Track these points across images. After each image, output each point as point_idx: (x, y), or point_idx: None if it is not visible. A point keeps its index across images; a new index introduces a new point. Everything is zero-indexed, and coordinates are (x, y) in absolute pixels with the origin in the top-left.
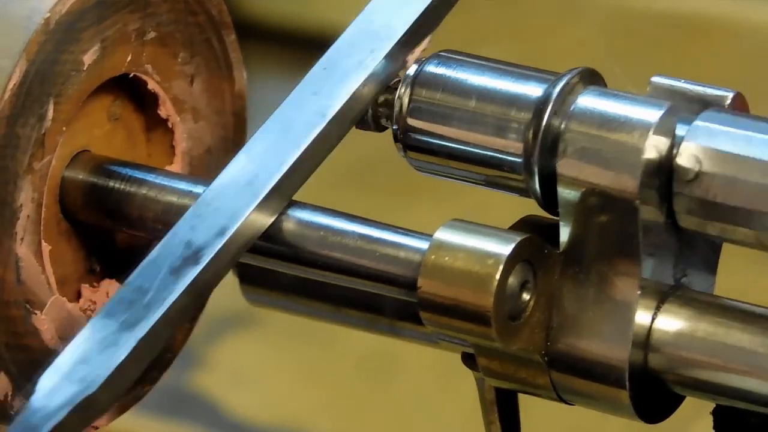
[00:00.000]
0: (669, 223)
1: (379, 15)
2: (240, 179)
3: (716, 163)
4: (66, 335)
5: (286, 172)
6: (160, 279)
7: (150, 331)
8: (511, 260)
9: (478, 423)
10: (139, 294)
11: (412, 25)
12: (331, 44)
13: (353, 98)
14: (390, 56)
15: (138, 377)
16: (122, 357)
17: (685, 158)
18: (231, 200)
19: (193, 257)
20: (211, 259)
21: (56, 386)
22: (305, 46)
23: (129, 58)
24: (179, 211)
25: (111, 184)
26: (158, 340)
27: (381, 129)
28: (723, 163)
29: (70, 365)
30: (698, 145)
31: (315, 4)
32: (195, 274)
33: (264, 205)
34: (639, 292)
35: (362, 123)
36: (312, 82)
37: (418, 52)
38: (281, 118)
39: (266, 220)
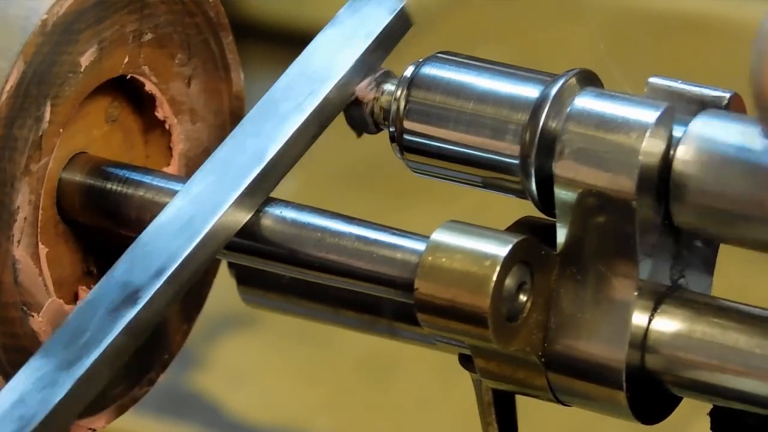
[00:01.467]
0: (666, 224)
1: (318, 57)
2: (177, 220)
3: (713, 163)
4: None
5: (224, 213)
6: (98, 319)
7: (88, 370)
8: (508, 261)
9: (477, 423)
10: (77, 334)
11: (351, 66)
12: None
13: (292, 139)
14: (328, 98)
15: (134, 380)
16: (60, 396)
17: (682, 159)
18: (168, 241)
19: (131, 298)
20: (149, 299)
21: None
22: (303, 46)
23: (126, 60)
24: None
25: (108, 185)
26: (96, 379)
27: (378, 130)
28: (720, 164)
29: (8, 405)
30: (695, 146)
31: (312, 5)
32: (133, 314)
33: (201, 245)
34: (636, 293)
35: (359, 124)
36: (252, 124)
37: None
38: (221, 160)
39: (206, 258)
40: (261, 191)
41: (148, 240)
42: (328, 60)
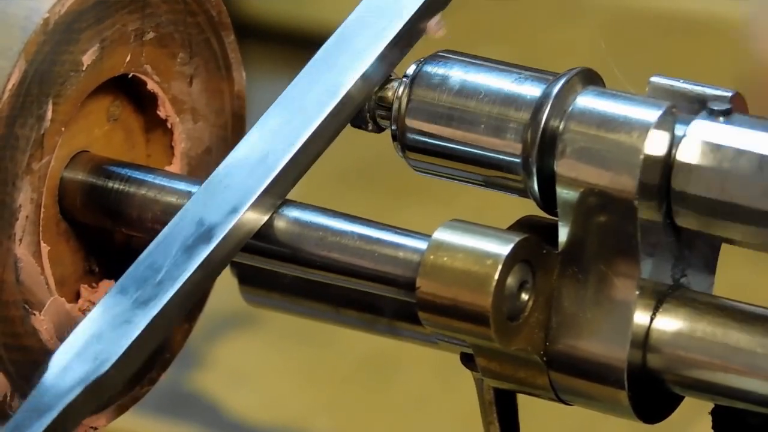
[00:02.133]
0: (668, 223)
1: None
2: (251, 157)
3: (715, 163)
4: (65, 336)
5: (297, 152)
6: (173, 257)
7: (163, 308)
8: (510, 260)
9: (478, 423)
10: (152, 271)
11: (422, 4)
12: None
13: (364, 77)
14: (400, 35)
15: (134, 380)
16: (136, 335)
17: (684, 158)
18: (242, 179)
19: (206, 235)
20: (224, 237)
21: (69, 364)
22: (304, 46)
23: (128, 59)
24: (178, 211)
25: (110, 184)
26: (171, 317)
27: (380, 130)
28: (721, 164)
29: (83, 343)
30: (697, 145)
31: (314, 5)
32: (207, 253)
33: (275, 183)
34: (638, 292)
35: (361, 123)
36: (323, 61)
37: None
38: (292, 96)
39: (277, 200)
40: (335, 128)
41: (223, 176)
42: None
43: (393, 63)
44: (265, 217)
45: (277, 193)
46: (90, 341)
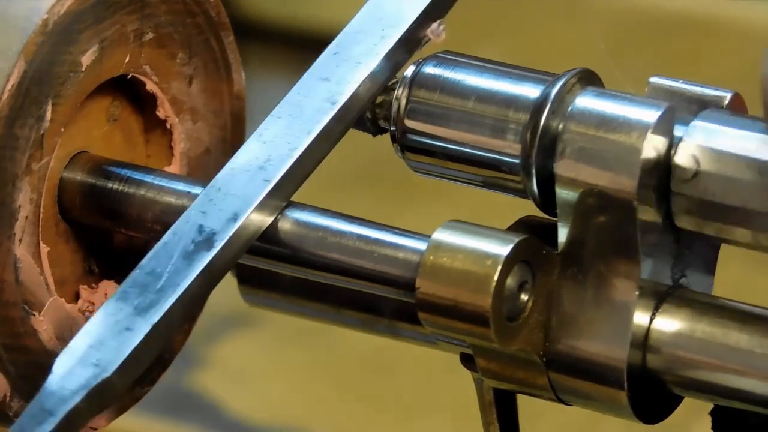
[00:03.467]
0: (667, 224)
1: (388, 1)
2: (252, 164)
3: (714, 163)
4: (64, 336)
5: (298, 158)
6: (174, 263)
7: (164, 315)
8: (510, 261)
9: (477, 423)
10: (153, 278)
11: (423, 11)
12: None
13: (364, 84)
14: (401, 42)
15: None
16: (137, 341)
17: (683, 158)
18: (243, 185)
19: (206, 242)
20: (224, 244)
21: (71, 370)
22: (304, 46)
23: (127, 59)
24: (178, 212)
25: (109, 185)
26: (172, 324)
27: (379, 131)
28: (721, 164)
29: (85, 349)
30: (696, 146)
31: (314, 5)
32: (209, 259)
33: (276, 190)
34: (637, 293)
35: (360, 124)
36: (323, 68)
37: (432, 36)
38: (292, 103)
39: (279, 204)
40: (335, 136)
41: (223, 183)
42: (400, 3)
43: (394, 69)
44: (268, 221)
45: (279, 198)
46: (92, 348)
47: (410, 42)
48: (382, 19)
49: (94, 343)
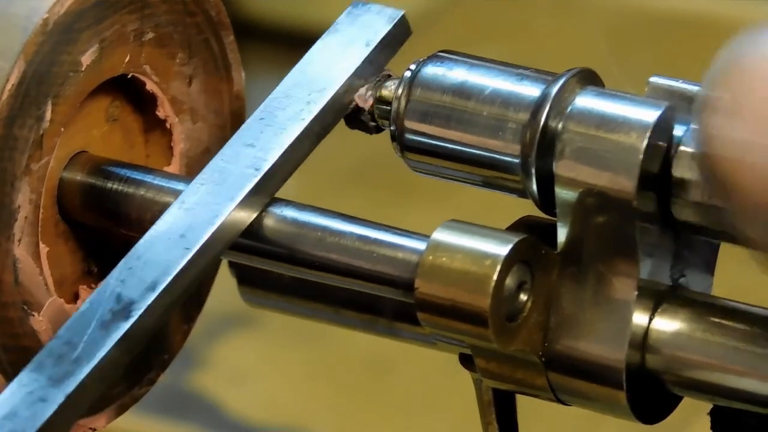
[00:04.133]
0: (667, 224)
1: (316, 65)
2: (173, 231)
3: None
4: None
5: (219, 227)
6: (90, 333)
7: (79, 386)
8: (509, 261)
9: (477, 423)
10: (69, 348)
11: (350, 76)
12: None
13: (290, 149)
14: (327, 107)
15: (133, 380)
16: (50, 413)
17: (682, 158)
18: (162, 253)
19: (123, 311)
20: (142, 313)
21: None
22: (304, 46)
23: (127, 59)
24: None
25: (109, 185)
26: (87, 395)
27: (378, 130)
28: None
29: None
30: (696, 146)
31: (314, 5)
32: (125, 329)
33: (197, 258)
34: (636, 293)
35: (359, 124)
36: (248, 133)
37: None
38: (215, 169)
39: (197, 271)
40: (258, 200)
41: (143, 251)
42: (327, 68)
43: (321, 134)
44: (185, 292)
45: (198, 266)
46: (3, 419)
47: (337, 107)
48: (309, 84)
49: (6, 415)
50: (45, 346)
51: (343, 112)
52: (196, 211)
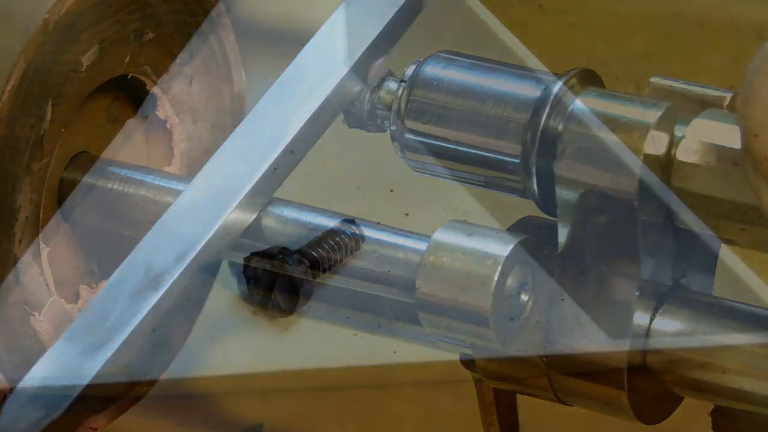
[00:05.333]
0: (668, 224)
1: (332, 38)
2: (197, 205)
3: (714, 163)
4: None
5: (248, 191)
6: (122, 303)
7: (113, 355)
8: (510, 261)
9: (476, 424)
10: (101, 318)
11: (367, 48)
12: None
13: (309, 123)
14: (344, 81)
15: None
16: (85, 381)
17: (683, 158)
18: (190, 225)
19: (153, 283)
20: (171, 284)
21: (21, 410)
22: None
23: (128, 59)
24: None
25: (109, 185)
26: (121, 363)
27: (378, 130)
28: (721, 163)
29: (34, 390)
30: (696, 145)
31: (314, 5)
32: (156, 299)
33: (219, 232)
34: (638, 293)
35: (359, 123)
36: (269, 107)
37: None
38: (237, 145)
39: (223, 241)
40: (287, 167)
41: (168, 224)
42: (342, 42)
43: (336, 109)
44: (215, 261)
45: (220, 244)
46: (41, 390)
47: (353, 81)
48: (327, 57)
49: (43, 386)
50: (78, 316)
51: (357, 87)
52: (224, 180)
